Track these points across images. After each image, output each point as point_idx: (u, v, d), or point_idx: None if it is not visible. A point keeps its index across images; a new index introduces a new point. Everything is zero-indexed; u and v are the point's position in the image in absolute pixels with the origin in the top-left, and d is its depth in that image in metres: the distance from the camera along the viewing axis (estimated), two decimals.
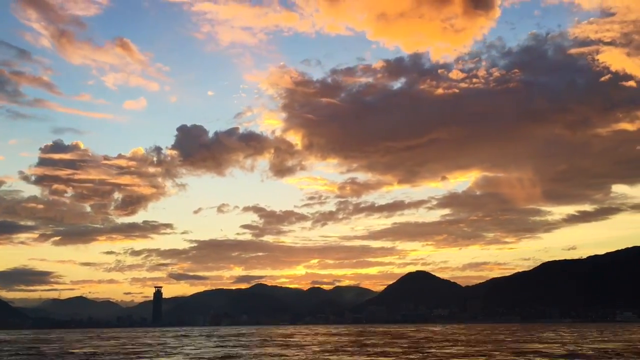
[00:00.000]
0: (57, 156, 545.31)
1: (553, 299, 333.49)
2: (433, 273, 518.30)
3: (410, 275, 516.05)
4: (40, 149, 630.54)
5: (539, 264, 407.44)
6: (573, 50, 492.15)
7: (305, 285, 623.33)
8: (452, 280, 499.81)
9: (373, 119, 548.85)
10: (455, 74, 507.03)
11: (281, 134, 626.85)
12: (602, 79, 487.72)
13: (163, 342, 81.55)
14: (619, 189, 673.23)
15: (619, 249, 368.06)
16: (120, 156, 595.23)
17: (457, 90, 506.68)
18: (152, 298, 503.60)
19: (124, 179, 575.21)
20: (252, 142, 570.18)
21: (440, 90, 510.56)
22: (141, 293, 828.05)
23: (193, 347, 62.74)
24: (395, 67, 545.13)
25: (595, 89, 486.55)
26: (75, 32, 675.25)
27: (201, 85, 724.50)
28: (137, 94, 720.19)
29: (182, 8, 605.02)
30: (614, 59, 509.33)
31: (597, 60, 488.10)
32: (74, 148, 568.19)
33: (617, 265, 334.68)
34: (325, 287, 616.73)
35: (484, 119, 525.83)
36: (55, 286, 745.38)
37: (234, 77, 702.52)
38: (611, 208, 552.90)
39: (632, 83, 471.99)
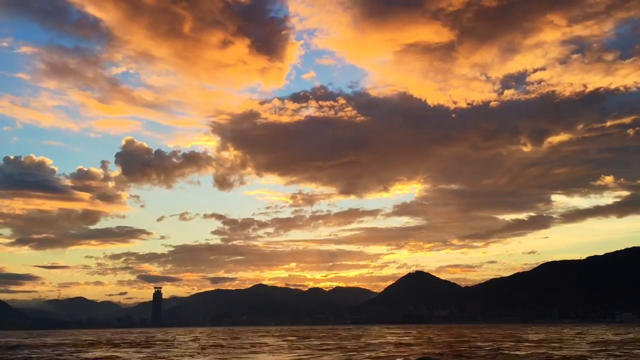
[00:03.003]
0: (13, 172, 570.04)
1: (553, 300, 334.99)
2: (432, 274, 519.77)
3: (409, 275, 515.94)
4: None
5: (514, 269, 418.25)
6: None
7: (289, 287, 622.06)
8: (451, 281, 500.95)
9: (290, 142, 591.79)
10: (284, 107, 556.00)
11: (216, 153, 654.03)
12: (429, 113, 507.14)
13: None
14: (558, 198, 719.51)
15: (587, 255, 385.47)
16: (80, 170, 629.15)
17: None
18: (151, 299, 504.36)
19: (80, 192, 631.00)
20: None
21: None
22: (125, 294, 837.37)
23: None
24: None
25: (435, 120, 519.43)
26: None
27: (73, 111, 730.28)
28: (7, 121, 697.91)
29: (2, 51, 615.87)
30: (425, 94, 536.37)
31: (413, 96, 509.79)
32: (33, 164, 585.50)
33: (617, 265, 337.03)
34: (323, 287, 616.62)
35: (389, 143, 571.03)
36: (39, 288, 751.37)
37: (86, 113, 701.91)
38: (547, 217, 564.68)
39: (454, 115, 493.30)
